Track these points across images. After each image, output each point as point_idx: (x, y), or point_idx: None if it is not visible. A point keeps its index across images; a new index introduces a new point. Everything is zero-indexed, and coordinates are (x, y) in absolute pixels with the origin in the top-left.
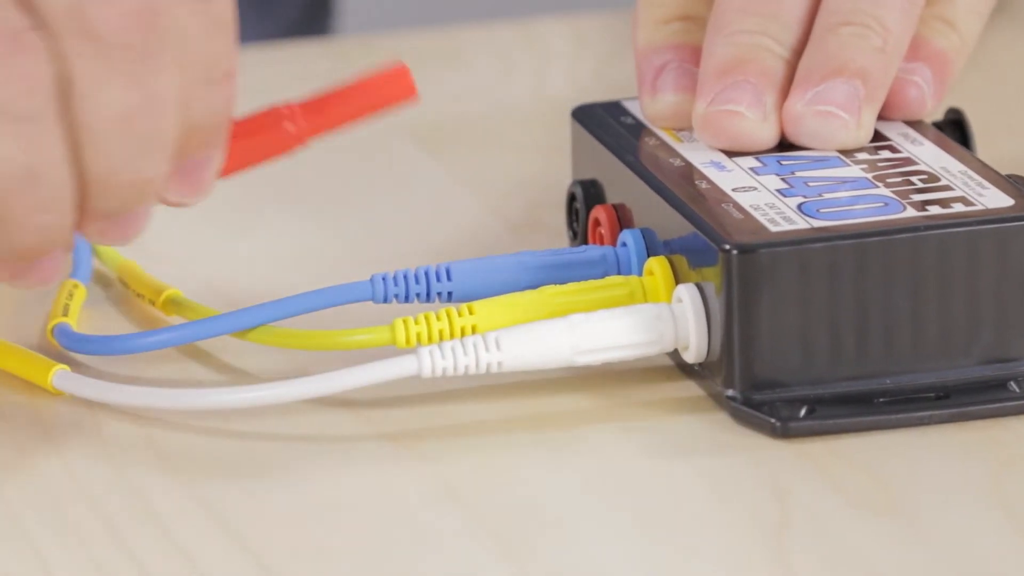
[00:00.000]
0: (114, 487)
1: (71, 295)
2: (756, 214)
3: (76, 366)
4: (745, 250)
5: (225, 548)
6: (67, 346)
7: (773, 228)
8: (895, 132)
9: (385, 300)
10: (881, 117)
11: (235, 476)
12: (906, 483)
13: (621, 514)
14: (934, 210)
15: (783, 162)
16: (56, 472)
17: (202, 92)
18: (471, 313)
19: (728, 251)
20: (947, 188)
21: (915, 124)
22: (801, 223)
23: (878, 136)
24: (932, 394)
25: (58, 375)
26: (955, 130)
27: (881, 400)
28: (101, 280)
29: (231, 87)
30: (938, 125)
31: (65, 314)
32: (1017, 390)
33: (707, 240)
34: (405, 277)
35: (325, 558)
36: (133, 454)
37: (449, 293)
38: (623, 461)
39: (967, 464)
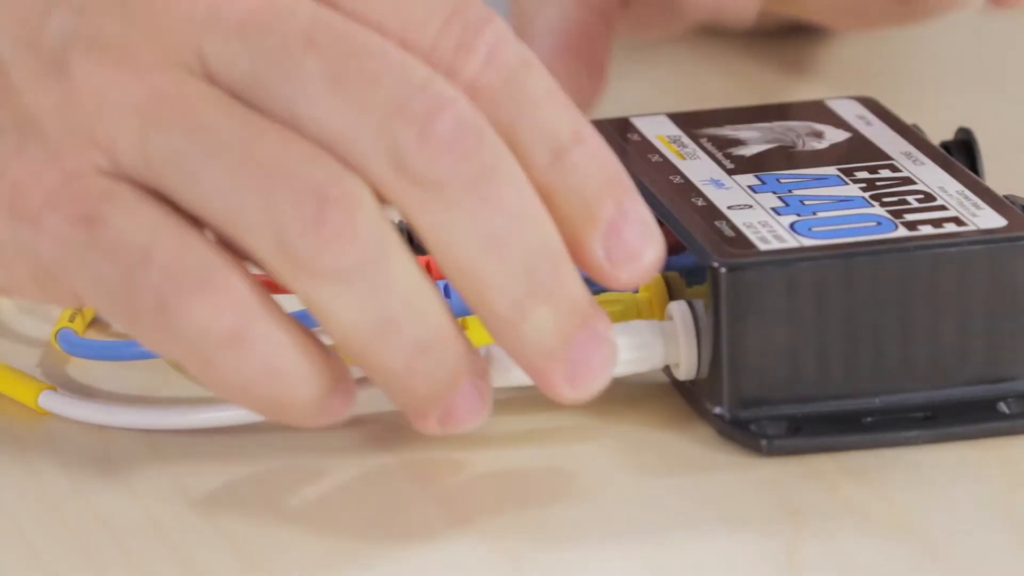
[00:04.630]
0: (118, 500)
1: (80, 308)
2: (747, 232)
3: (78, 381)
4: (733, 268)
5: (227, 562)
6: (69, 351)
7: (763, 246)
8: (898, 151)
9: None
10: None
11: (237, 488)
12: (918, 502)
13: (622, 532)
14: (925, 229)
15: (782, 180)
16: (62, 486)
17: (555, 172)
18: (464, 328)
19: (716, 268)
20: (941, 208)
21: (920, 144)
22: (791, 241)
23: (880, 155)
24: (920, 414)
25: (44, 396)
26: (963, 150)
27: (868, 420)
28: None
29: (588, 148)
30: (946, 145)
31: (71, 321)
32: (1007, 411)
33: (696, 258)
34: None
35: (324, 572)
36: (138, 466)
37: None
38: (619, 478)
39: (979, 483)
